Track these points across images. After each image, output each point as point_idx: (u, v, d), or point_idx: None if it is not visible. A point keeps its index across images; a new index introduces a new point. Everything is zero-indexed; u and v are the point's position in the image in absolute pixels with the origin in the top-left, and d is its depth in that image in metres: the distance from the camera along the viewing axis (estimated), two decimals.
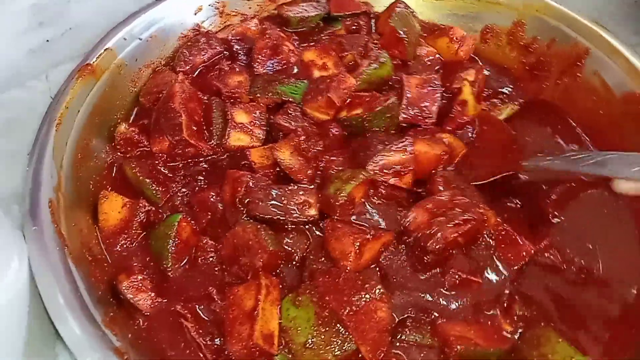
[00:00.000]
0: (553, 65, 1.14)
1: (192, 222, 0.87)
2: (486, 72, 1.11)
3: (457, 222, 0.81)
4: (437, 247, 0.80)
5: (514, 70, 1.20)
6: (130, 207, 0.88)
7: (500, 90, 1.14)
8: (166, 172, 0.95)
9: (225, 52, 1.14)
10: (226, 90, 1.04)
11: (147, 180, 0.92)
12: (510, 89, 1.15)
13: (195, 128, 0.97)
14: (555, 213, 0.93)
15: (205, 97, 1.03)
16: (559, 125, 1.09)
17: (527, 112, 1.10)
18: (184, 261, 0.85)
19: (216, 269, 0.85)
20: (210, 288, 0.82)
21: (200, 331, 0.79)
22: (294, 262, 0.85)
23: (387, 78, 1.07)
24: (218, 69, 1.08)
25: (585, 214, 0.94)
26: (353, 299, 0.74)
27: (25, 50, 1.21)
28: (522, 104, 1.11)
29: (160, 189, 0.92)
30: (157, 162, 0.95)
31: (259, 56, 1.08)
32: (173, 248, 0.83)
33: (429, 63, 1.14)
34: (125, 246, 0.86)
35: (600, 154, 0.84)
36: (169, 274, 0.84)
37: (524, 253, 0.86)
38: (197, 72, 1.11)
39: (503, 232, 0.87)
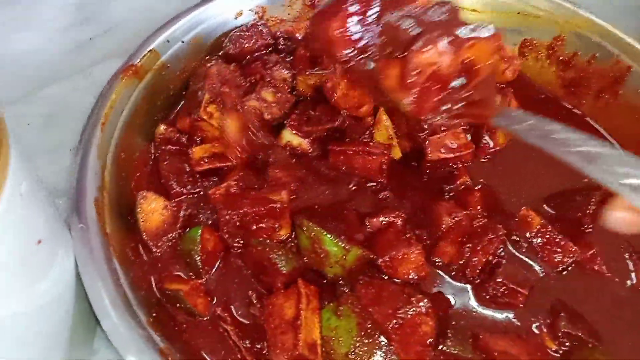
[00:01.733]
0: (592, 82, 1.13)
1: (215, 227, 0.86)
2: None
3: (483, 245, 0.83)
4: (475, 272, 0.83)
5: (552, 86, 1.19)
6: (172, 209, 0.89)
7: None
8: (190, 172, 0.95)
9: (272, 47, 1.15)
10: (270, 80, 1.04)
11: (166, 174, 0.93)
12: None
13: (220, 110, 0.97)
14: (591, 225, 0.93)
15: (247, 83, 1.04)
16: None
17: None
18: (216, 265, 0.86)
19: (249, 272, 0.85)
20: (250, 292, 0.82)
21: (240, 334, 0.79)
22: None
23: None
24: (265, 59, 1.09)
25: None
26: (399, 311, 0.74)
27: (68, 47, 1.23)
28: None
29: (176, 186, 0.92)
30: (190, 161, 0.95)
31: (299, 64, 1.09)
32: (201, 261, 0.83)
33: None
34: (167, 247, 0.87)
35: (597, 144, 0.68)
36: (204, 279, 0.84)
37: (570, 255, 0.87)
38: (244, 61, 1.12)
39: (547, 235, 0.88)
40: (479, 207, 0.91)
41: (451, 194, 0.96)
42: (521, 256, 0.88)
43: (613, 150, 0.67)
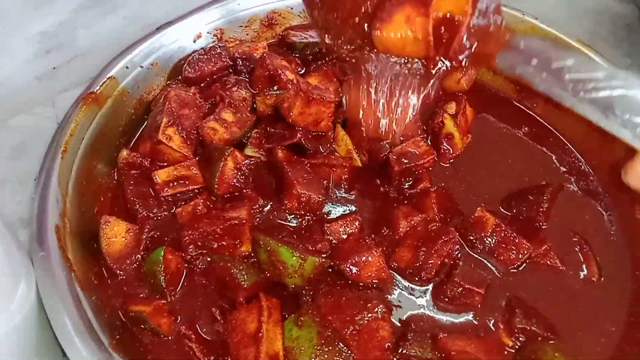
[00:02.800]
0: None
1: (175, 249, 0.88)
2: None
3: (436, 248, 0.86)
4: (431, 274, 0.86)
5: (506, 90, 1.23)
6: (134, 232, 0.90)
7: None
8: (156, 196, 0.96)
9: (231, 68, 1.18)
10: (229, 101, 1.07)
11: (132, 199, 0.95)
12: None
13: (180, 133, 0.99)
14: (545, 222, 0.97)
15: (207, 105, 1.07)
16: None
17: None
18: (180, 284, 0.87)
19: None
20: (213, 309, 0.84)
21: (205, 351, 0.80)
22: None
23: None
24: (225, 80, 1.12)
25: (572, 221, 0.99)
26: (356, 318, 0.76)
27: (32, 77, 1.24)
28: None
29: (142, 210, 0.94)
30: (154, 186, 0.97)
31: (258, 84, 1.12)
32: (166, 281, 0.84)
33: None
34: (131, 270, 0.88)
35: (617, 85, 0.60)
36: (169, 299, 0.85)
37: (524, 251, 0.90)
38: (204, 83, 1.15)
39: (502, 234, 0.90)
40: (435, 209, 0.95)
41: (413, 200, 1.00)
42: (477, 256, 0.92)
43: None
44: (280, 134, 1.04)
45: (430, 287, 0.88)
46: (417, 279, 0.87)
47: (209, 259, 0.88)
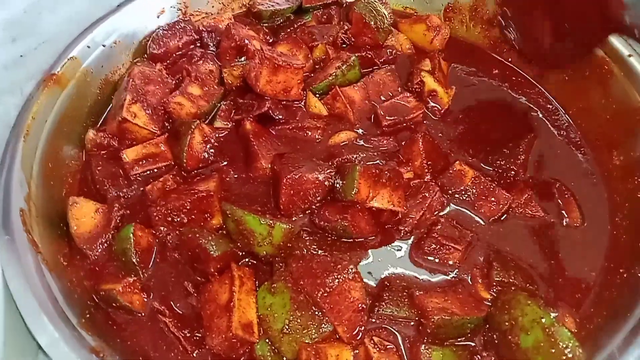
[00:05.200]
0: None
1: (146, 226, 0.86)
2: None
3: (417, 202, 0.86)
4: (409, 229, 0.86)
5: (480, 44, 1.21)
6: (104, 212, 0.89)
7: None
8: (125, 175, 0.95)
9: (198, 42, 1.15)
10: (195, 75, 1.05)
11: (101, 179, 0.93)
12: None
13: (146, 110, 0.97)
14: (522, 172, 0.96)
15: (174, 81, 1.05)
16: None
17: None
18: (152, 260, 0.86)
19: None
20: (186, 282, 0.82)
21: (179, 325, 0.79)
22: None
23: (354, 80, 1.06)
24: (190, 54, 1.10)
25: (553, 169, 0.98)
26: (327, 280, 0.75)
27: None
28: None
29: (112, 190, 0.92)
30: (123, 165, 0.95)
31: (225, 56, 1.09)
32: (137, 258, 0.83)
33: (391, 57, 1.13)
34: (102, 250, 0.86)
35: None
36: (142, 276, 0.84)
37: (504, 201, 0.89)
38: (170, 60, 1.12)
39: (481, 186, 0.90)
40: (422, 157, 0.93)
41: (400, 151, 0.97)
42: (458, 208, 0.90)
43: None
44: (249, 105, 1.02)
45: (410, 241, 0.87)
46: (396, 234, 0.86)
47: (179, 233, 0.86)
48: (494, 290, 0.80)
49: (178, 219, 0.86)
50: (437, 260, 0.84)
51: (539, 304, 0.71)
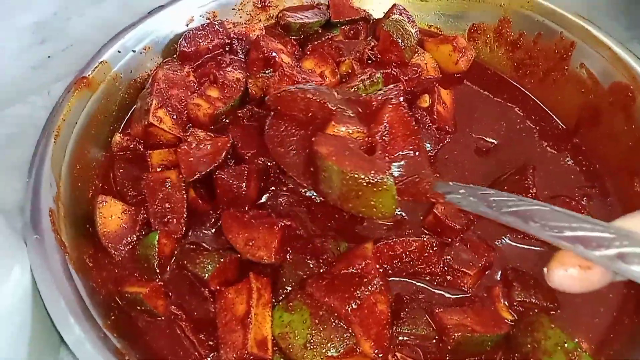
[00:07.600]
0: (540, 61, 1.16)
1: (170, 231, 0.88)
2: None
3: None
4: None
5: (504, 68, 1.22)
6: (130, 213, 0.90)
7: None
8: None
9: (227, 46, 1.16)
10: (223, 82, 1.06)
11: (124, 182, 0.95)
12: None
13: (171, 114, 0.99)
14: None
15: (196, 85, 1.07)
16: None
17: None
18: (170, 265, 0.87)
19: None
20: (202, 288, 0.83)
21: (195, 329, 0.80)
22: None
23: None
24: (219, 60, 1.11)
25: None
26: (355, 293, 0.74)
27: (27, 67, 1.24)
28: None
29: (132, 192, 0.94)
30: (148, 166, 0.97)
31: (253, 67, 1.10)
32: (158, 264, 0.85)
33: (415, 75, 1.14)
34: (125, 252, 0.88)
35: (528, 202, 0.64)
36: (158, 281, 0.85)
37: None
38: (200, 61, 1.14)
39: None
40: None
41: None
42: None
43: (543, 206, 0.62)
44: (264, 116, 1.02)
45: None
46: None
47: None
48: (515, 307, 0.80)
49: None
50: (451, 283, 0.85)
51: (564, 331, 0.72)
